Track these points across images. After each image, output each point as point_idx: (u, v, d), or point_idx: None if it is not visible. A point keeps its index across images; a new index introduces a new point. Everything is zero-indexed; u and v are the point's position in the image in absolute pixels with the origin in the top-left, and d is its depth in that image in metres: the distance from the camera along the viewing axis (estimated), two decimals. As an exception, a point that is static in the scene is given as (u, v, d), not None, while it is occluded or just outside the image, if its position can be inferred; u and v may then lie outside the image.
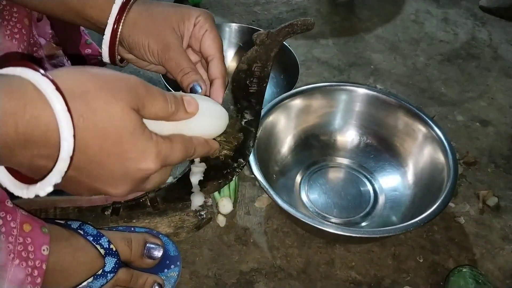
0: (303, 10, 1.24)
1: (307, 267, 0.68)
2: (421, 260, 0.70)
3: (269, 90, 0.94)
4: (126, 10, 0.50)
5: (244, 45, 0.95)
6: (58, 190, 0.68)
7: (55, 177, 0.32)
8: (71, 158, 0.31)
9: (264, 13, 1.22)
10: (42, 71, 0.31)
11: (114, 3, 0.50)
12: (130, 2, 0.50)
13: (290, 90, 0.79)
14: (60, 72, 0.33)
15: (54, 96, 0.30)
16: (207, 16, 0.52)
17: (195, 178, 0.60)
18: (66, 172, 0.32)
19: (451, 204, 0.78)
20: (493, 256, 0.71)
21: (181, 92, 0.45)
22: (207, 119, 0.46)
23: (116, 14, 0.50)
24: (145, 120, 0.37)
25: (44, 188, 0.32)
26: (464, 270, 0.64)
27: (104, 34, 0.52)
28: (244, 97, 0.56)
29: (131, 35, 0.51)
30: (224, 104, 0.54)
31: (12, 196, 0.62)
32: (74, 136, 0.31)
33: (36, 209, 0.66)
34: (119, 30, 0.50)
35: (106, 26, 0.51)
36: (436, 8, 1.29)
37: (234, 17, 1.19)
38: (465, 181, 0.82)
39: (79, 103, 0.31)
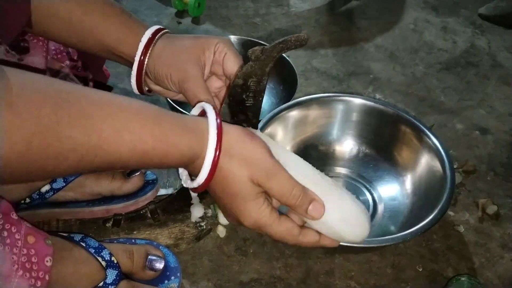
0: (302, 21, 1.26)
1: (307, 277, 0.68)
2: (420, 269, 0.70)
3: (269, 101, 0.95)
4: (152, 45, 0.54)
5: (244, 57, 0.96)
6: (60, 203, 0.69)
7: (195, 184, 0.45)
8: (202, 184, 0.45)
9: (264, 24, 1.24)
10: (219, 128, 0.44)
11: (141, 41, 0.54)
12: (156, 38, 0.54)
13: (289, 100, 0.80)
14: (232, 133, 0.45)
15: (210, 153, 0.43)
16: (225, 42, 0.56)
17: None
18: (198, 187, 0.45)
19: (450, 213, 0.78)
20: (492, 265, 0.71)
21: (317, 197, 0.46)
22: (340, 220, 0.47)
23: (142, 48, 0.54)
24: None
25: (191, 185, 0.46)
26: (463, 279, 0.65)
27: (132, 68, 0.56)
28: (240, 111, 0.57)
29: (156, 67, 0.55)
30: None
31: (16, 209, 0.64)
32: (207, 178, 0.44)
33: (39, 222, 0.68)
34: (145, 63, 0.54)
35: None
36: (435, 17, 1.30)
37: (234, 29, 1.21)
38: (464, 189, 0.83)
39: (227, 158, 0.44)
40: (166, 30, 0.56)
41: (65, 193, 0.68)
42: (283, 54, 0.55)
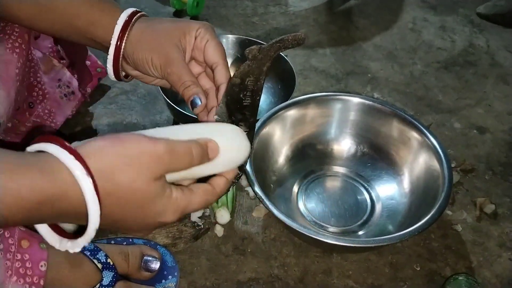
0: (301, 20, 1.25)
1: (305, 276, 0.68)
2: (418, 268, 0.70)
3: (267, 100, 0.95)
4: (128, 28, 0.52)
5: (242, 56, 0.96)
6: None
7: (82, 242, 0.37)
8: (97, 228, 0.37)
9: (262, 23, 1.24)
10: (74, 151, 0.35)
11: (116, 24, 0.52)
12: (132, 21, 0.52)
13: (287, 99, 0.80)
14: (91, 150, 0.37)
15: (84, 182, 0.35)
16: (207, 27, 0.54)
17: None
18: (93, 235, 0.37)
19: (448, 212, 0.78)
20: (490, 264, 0.71)
21: (203, 137, 0.45)
22: (228, 155, 0.47)
23: (119, 32, 0.52)
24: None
25: (73, 248, 0.38)
26: (460, 278, 0.65)
27: (108, 53, 0.54)
28: (238, 110, 0.57)
29: (134, 52, 0.52)
30: (218, 117, 0.55)
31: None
32: (100, 216, 0.36)
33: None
34: (122, 47, 0.52)
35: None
36: (433, 15, 1.30)
37: (233, 28, 1.21)
38: (462, 188, 0.83)
39: (107, 182, 0.36)
40: (142, 13, 0.54)
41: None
42: (281, 53, 0.55)
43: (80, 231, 0.38)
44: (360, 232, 0.73)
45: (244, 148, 0.50)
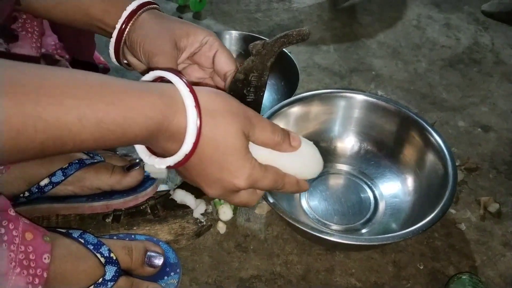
0: (304, 16, 1.25)
1: (307, 274, 0.68)
2: (421, 267, 0.70)
3: (270, 97, 0.94)
4: (136, 16, 0.54)
5: (245, 52, 0.95)
6: (60, 197, 0.69)
7: (172, 160, 0.42)
8: (187, 155, 0.41)
9: (265, 19, 1.23)
10: (190, 87, 0.40)
11: (125, 10, 0.54)
12: (141, 10, 0.54)
13: (291, 96, 0.79)
14: (203, 91, 0.42)
15: (191, 112, 0.40)
16: (215, 37, 0.56)
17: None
18: (178, 162, 0.41)
19: (452, 211, 0.78)
20: (494, 263, 0.71)
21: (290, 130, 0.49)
22: (304, 161, 0.50)
23: (125, 18, 0.54)
24: (251, 146, 0.45)
25: (160, 164, 0.42)
26: (464, 277, 0.64)
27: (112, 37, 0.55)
28: (242, 106, 0.56)
29: (133, 34, 0.54)
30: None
31: (14, 204, 0.64)
32: (194, 143, 0.40)
33: (38, 217, 0.67)
34: (126, 31, 0.54)
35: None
36: (438, 13, 1.29)
37: (236, 24, 1.20)
38: (466, 187, 0.82)
39: (209, 117, 0.41)
40: (155, 5, 0.56)
41: (64, 187, 0.67)
42: (285, 50, 0.55)
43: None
44: (363, 230, 0.73)
45: (319, 163, 0.53)
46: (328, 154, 0.81)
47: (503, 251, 0.73)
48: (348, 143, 0.81)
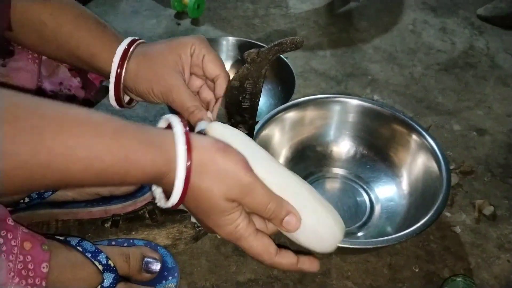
0: (301, 22, 1.26)
1: (303, 278, 0.69)
2: (417, 270, 0.71)
3: (267, 102, 0.95)
4: (125, 62, 0.53)
5: (242, 58, 0.96)
6: (59, 203, 0.70)
7: (168, 204, 0.44)
8: (176, 204, 0.43)
9: (263, 25, 1.24)
10: (187, 142, 0.41)
11: (113, 62, 0.53)
12: (130, 50, 0.53)
13: (287, 101, 0.80)
14: (202, 145, 0.42)
15: (181, 172, 0.41)
16: (200, 41, 0.55)
17: None
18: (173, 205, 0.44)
19: (447, 214, 0.79)
20: (488, 265, 0.72)
21: (293, 205, 0.46)
22: (311, 236, 0.47)
23: (116, 68, 0.53)
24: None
25: (166, 204, 0.44)
26: (458, 279, 0.65)
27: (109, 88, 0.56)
28: (237, 112, 0.57)
29: (135, 85, 0.54)
30: (218, 120, 0.56)
31: (14, 210, 0.64)
32: (180, 197, 0.42)
33: (38, 222, 0.68)
34: (122, 77, 0.54)
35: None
36: (433, 17, 1.31)
37: (233, 30, 1.22)
38: (461, 190, 0.83)
39: (196, 178, 0.42)
40: (141, 41, 0.55)
41: (64, 193, 0.68)
42: (281, 55, 0.55)
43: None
44: (359, 234, 0.74)
45: (335, 236, 0.48)
46: (324, 158, 0.82)
47: (498, 253, 0.73)
48: (343, 147, 0.82)
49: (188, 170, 0.41)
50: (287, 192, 0.46)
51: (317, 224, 0.47)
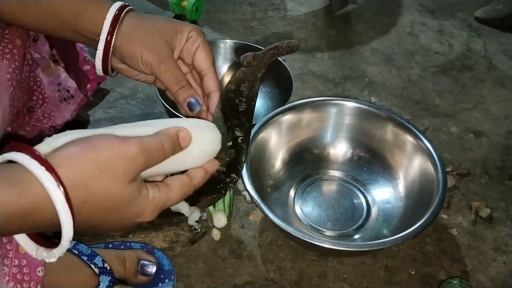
0: (299, 25, 1.26)
1: (300, 280, 0.69)
2: (413, 272, 0.71)
3: (265, 104, 0.96)
4: (118, 23, 0.51)
5: (240, 60, 0.97)
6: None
7: (57, 253, 0.37)
8: (71, 239, 0.36)
9: (261, 28, 1.25)
10: (44, 161, 0.34)
11: (105, 18, 0.51)
12: (122, 15, 0.52)
13: (285, 103, 0.80)
14: (63, 158, 0.36)
15: (56, 194, 0.34)
16: (199, 32, 0.54)
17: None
18: (67, 248, 0.37)
19: (443, 216, 0.79)
20: (485, 268, 0.72)
21: (175, 126, 0.45)
22: (200, 149, 0.47)
23: (109, 27, 0.51)
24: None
25: (49, 258, 0.38)
26: (454, 282, 0.65)
27: (97, 48, 0.53)
28: (234, 115, 0.57)
29: (124, 44, 0.52)
30: (215, 123, 0.56)
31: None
32: (74, 226, 0.35)
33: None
34: (112, 42, 0.52)
35: (98, 38, 0.52)
36: (431, 20, 1.31)
37: (232, 32, 1.22)
38: (458, 192, 0.83)
39: (80, 191, 0.35)
40: (131, 7, 0.54)
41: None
42: (279, 58, 0.55)
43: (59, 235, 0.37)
44: (356, 236, 0.74)
45: (215, 141, 0.50)
46: (321, 160, 0.82)
47: (494, 255, 0.74)
48: (340, 149, 0.82)
49: (63, 187, 0.34)
50: (162, 124, 0.45)
51: (203, 134, 0.48)
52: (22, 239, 0.38)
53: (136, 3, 1.31)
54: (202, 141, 0.48)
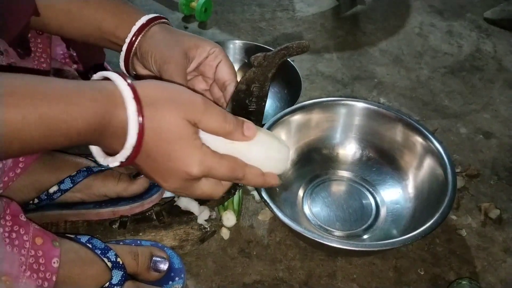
0: (308, 25, 1.27)
1: (309, 279, 0.69)
2: (422, 273, 0.71)
3: (273, 105, 0.96)
4: (146, 29, 0.56)
5: (249, 62, 0.97)
6: (68, 204, 0.71)
7: (122, 156, 0.41)
8: (135, 148, 0.40)
9: (269, 29, 1.25)
10: (129, 81, 0.41)
11: (135, 24, 0.56)
12: (151, 24, 0.57)
13: (294, 104, 0.81)
14: (142, 83, 0.42)
15: (130, 103, 0.39)
16: (221, 49, 0.59)
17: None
18: (129, 156, 0.41)
19: (453, 217, 0.79)
20: (494, 269, 0.72)
21: (244, 119, 0.46)
22: (264, 151, 0.47)
23: (135, 31, 0.56)
24: (203, 134, 0.43)
25: (113, 162, 0.42)
26: (463, 282, 0.65)
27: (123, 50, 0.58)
28: (244, 115, 0.58)
29: (143, 44, 0.56)
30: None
31: (25, 209, 0.66)
32: (138, 134, 0.40)
33: (47, 223, 0.69)
34: (136, 43, 0.56)
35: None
36: (440, 20, 1.31)
37: (240, 33, 1.22)
38: (467, 193, 0.83)
39: (149, 109, 0.40)
40: (165, 20, 0.59)
41: (73, 194, 0.69)
42: (288, 59, 0.56)
43: None
44: (365, 236, 0.74)
45: (283, 154, 0.49)
46: (330, 161, 0.82)
47: (504, 257, 0.73)
48: (349, 150, 0.82)
49: (138, 102, 0.39)
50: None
51: (269, 139, 0.48)
52: (95, 149, 0.43)
53: (145, 4, 1.32)
54: (269, 146, 0.48)
